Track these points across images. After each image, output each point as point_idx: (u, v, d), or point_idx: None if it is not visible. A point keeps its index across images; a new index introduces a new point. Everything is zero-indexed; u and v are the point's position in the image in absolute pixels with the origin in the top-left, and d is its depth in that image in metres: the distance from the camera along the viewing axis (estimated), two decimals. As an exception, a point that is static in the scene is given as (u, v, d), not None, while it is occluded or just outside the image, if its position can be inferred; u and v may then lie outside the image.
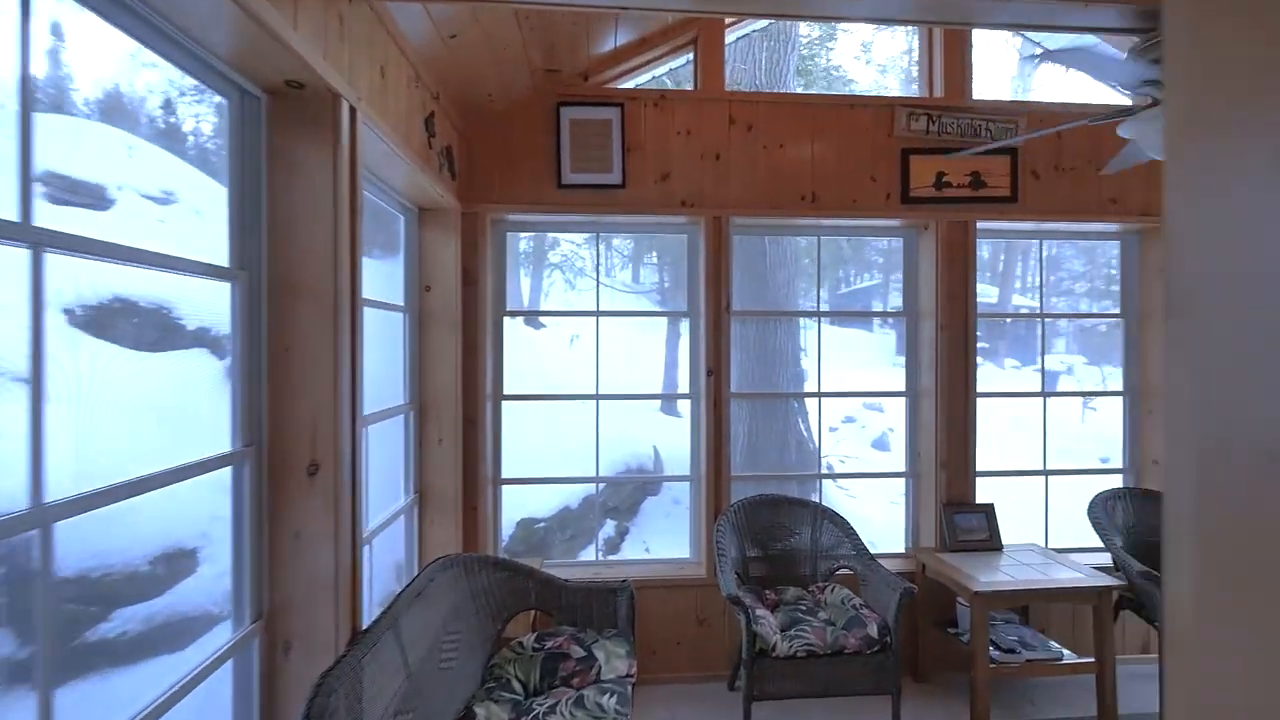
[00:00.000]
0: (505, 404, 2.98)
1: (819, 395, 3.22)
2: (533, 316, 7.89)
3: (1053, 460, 3.34)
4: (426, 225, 2.67)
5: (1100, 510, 2.95)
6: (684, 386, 3.04)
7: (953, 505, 2.98)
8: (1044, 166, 2.98)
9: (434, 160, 2.36)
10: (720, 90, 2.91)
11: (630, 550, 4.34)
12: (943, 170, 2.92)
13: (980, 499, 3.03)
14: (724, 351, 2.90)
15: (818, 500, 3.18)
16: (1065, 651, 2.59)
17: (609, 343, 3.31)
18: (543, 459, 4.44)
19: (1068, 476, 3.30)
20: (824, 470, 5.04)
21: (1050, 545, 3.20)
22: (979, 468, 3.02)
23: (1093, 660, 2.55)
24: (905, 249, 3.17)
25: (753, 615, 2.29)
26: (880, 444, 6.38)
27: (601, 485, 4.24)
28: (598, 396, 3.07)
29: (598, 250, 3.47)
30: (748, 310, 4.55)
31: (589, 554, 3.74)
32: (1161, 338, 3.04)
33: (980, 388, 3.02)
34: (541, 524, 4.00)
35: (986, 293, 15.05)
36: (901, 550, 3.17)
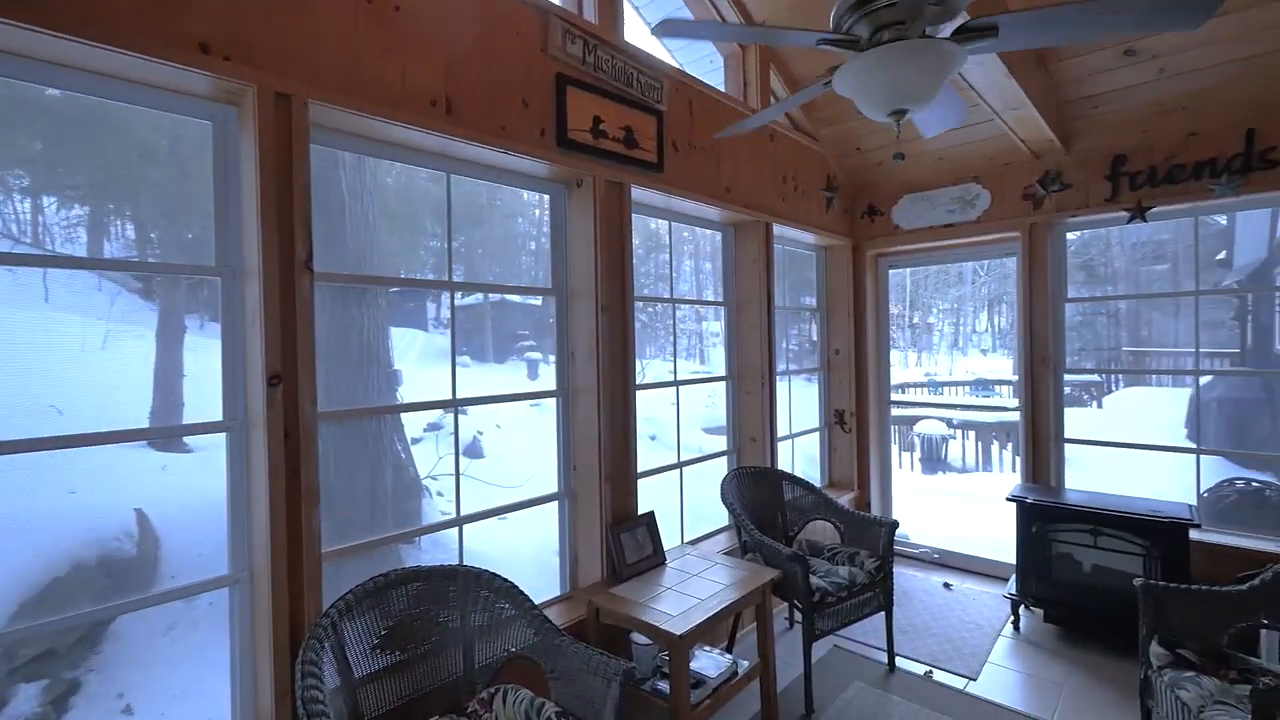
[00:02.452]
0: None
1: (454, 404, 2.25)
2: None
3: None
4: None
5: (729, 494, 2.96)
6: (200, 410, 1.58)
7: (618, 524, 2.48)
8: (682, 140, 2.79)
9: None
10: None
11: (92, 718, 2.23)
12: (599, 116, 2.37)
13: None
14: (302, 340, 1.63)
15: (458, 562, 2.22)
16: (741, 662, 2.40)
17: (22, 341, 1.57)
18: None
19: (690, 466, 3.28)
20: (426, 495, 3.99)
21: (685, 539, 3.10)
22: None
23: (759, 663, 2.43)
24: (553, 208, 2.50)
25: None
26: (474, 451, 5.68)
27: None
28: (-32, 451, 1.32)
29: (-34, 130, 1.55)
30: (347, 275, 2.95)
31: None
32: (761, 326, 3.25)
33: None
34: None
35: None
36: (558, 593, 2.51)
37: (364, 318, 3.14)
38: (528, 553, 3.33)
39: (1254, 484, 3.39)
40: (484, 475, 4.92)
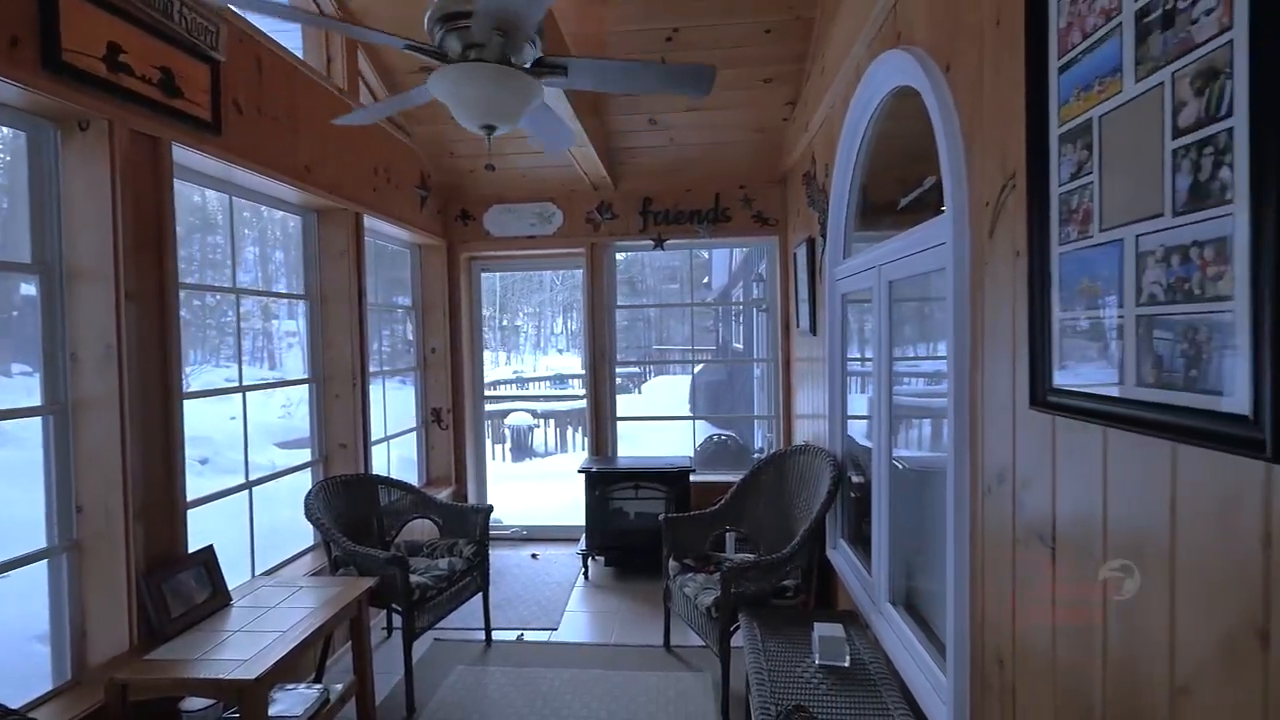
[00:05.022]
0: None
1: None
2: None
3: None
4: None
5: (316, 508, 2.67)
6: None
7: (160, 570, 1.95)
8: (249, 102, 2.36)
9: None
10: None
11: None
12: (119, 43, 1.81)
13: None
14: None
15: None
16: (334, 687, 2.20)
17: None
18: None
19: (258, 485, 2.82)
20: None
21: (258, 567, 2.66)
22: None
23: (354, 681, 2.28)
24: (33, 155, 1.79)
25: None
26: None
27: None
28: None
29: None
30: None
31: None
32: (337, 319, 3.05)
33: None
34: None
35: None
36: (51, 686, 1.83)
37: None
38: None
39: (722, 437, 4.95)
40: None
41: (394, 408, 4.08)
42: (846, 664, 1.89)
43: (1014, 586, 1.28)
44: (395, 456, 4.05)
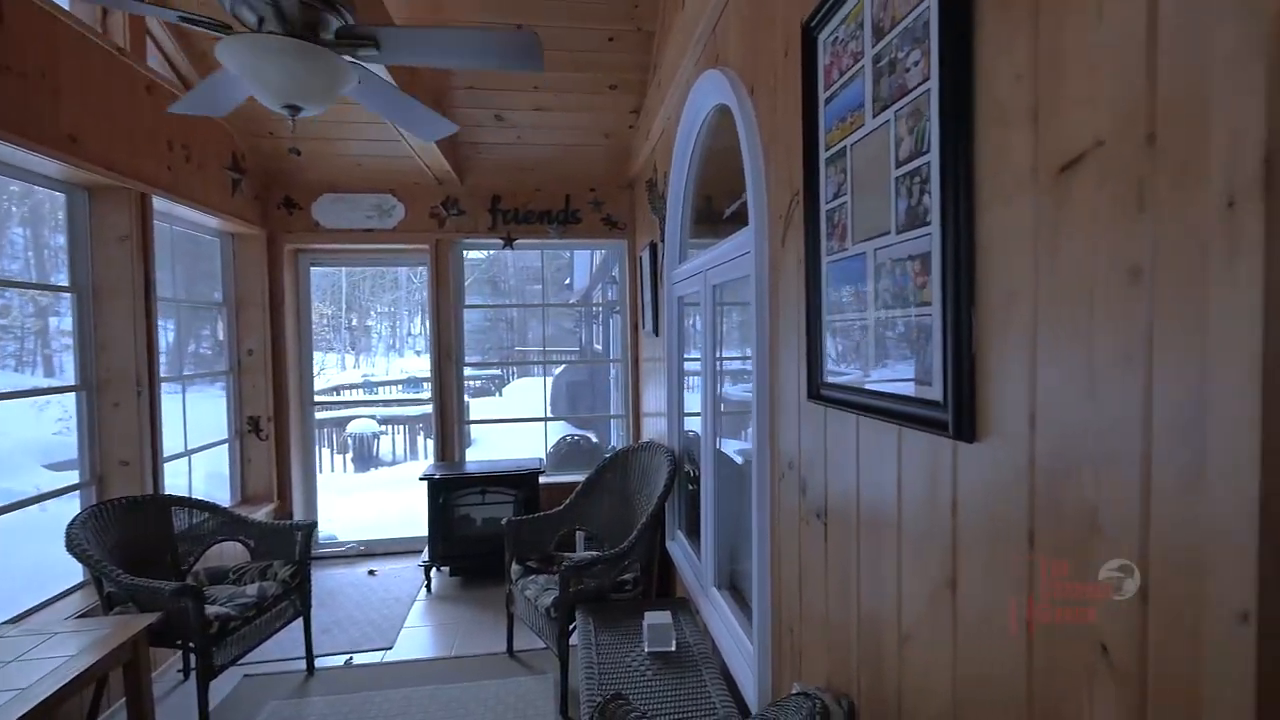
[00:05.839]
0: None
1: None
2: None
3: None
4: None
5: (82, 539, 2.27)
6: None
7: None
8: (-20, 49, 1.93)
9: None
10: None
11: None
12: None
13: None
14: None
15: None
16: (101, 745, 1.87)
17: None
18: None
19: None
20: None
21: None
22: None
23: (132, 731, 1.97)
24: None
25: None
26: None
27: None
28: None
29: None
30: None
31: None
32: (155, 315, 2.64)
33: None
34: None
35: None
36: None
37: None
38: None
39: (575, 437, 4.97)
40: None
41: (203, 417, 3.59)
42: (673, 648, 1.98)
43: (800, 561, 1.42)
44: (202, 473, 3.56)
